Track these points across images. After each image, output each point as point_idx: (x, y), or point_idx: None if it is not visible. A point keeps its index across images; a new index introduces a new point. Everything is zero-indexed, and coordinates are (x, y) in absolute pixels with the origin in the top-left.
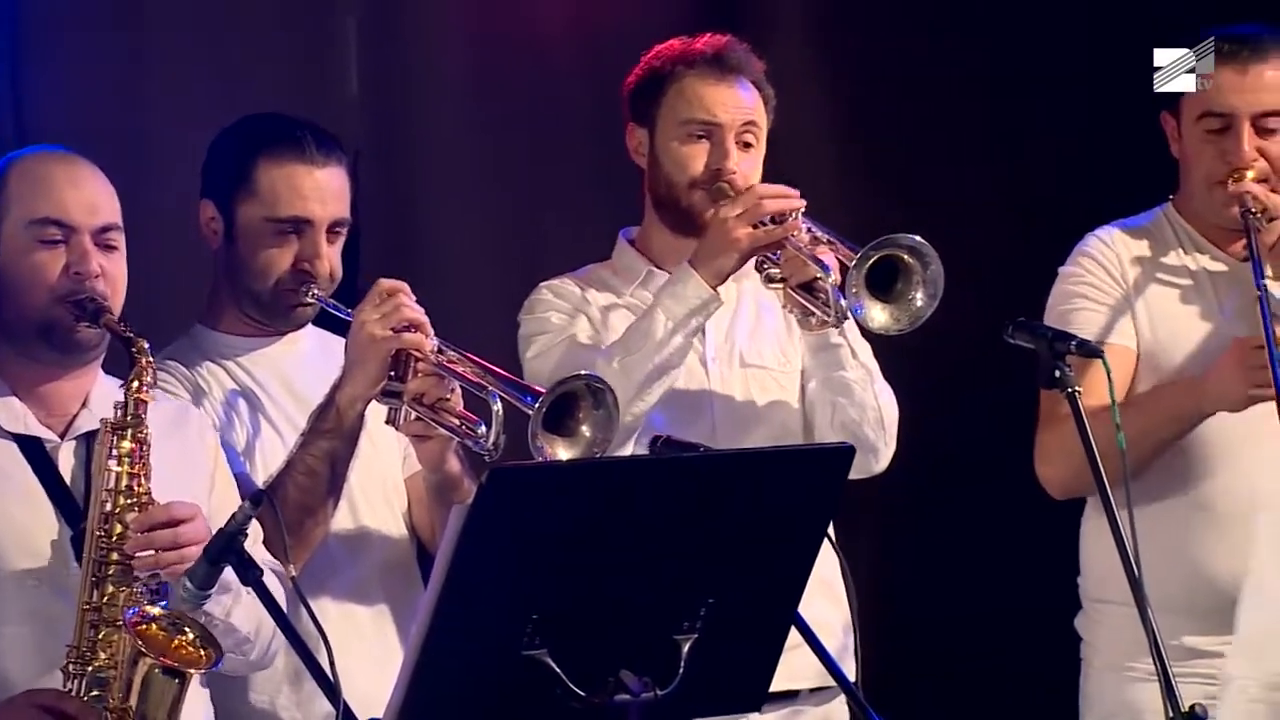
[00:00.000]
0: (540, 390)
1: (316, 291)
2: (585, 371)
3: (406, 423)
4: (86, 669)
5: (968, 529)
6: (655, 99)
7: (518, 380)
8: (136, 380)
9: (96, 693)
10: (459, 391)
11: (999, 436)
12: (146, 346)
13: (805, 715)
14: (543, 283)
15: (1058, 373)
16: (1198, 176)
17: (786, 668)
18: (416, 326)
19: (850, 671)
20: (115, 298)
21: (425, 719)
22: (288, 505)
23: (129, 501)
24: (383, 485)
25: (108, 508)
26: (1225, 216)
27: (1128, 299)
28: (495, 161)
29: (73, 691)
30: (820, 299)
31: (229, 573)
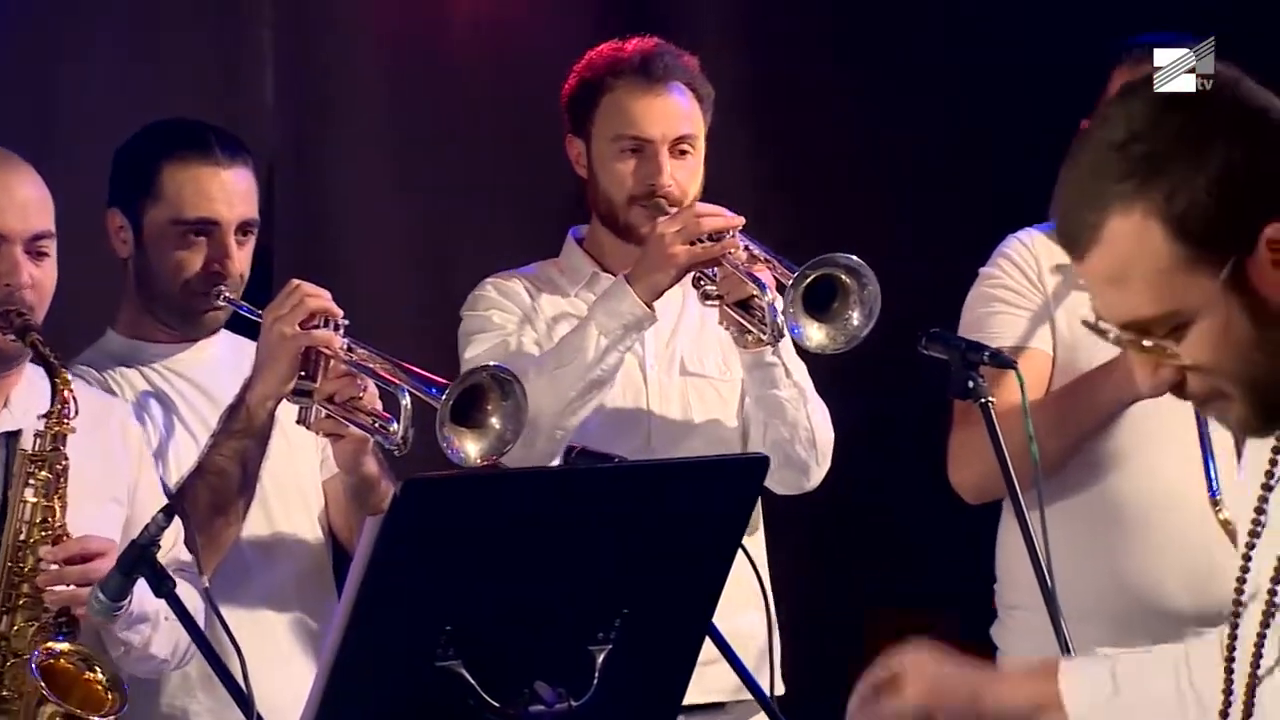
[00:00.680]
0: (446, 383)
1: (227, 294)
2: (491, 363)
3: (318, 420)
4: None
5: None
6: (588, 112)
7: (426, 374)
8: (57, 410)
9: None
10: (372, 390)
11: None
12: (70, 378)
13: None
14: (489, 278)
15: (970, 383)
16: None
17: (710, 680)
18: (326, 315)
19: (767, 683)
20: (41, 307)
21: None
22: (198, 506)
23: (44, 534)
24: (299, 489)
25: (22, 537)
26: None
27: (1046, 304)
28: (409, 172)
29: None
30: (757, 317)
31: (149, 600)
